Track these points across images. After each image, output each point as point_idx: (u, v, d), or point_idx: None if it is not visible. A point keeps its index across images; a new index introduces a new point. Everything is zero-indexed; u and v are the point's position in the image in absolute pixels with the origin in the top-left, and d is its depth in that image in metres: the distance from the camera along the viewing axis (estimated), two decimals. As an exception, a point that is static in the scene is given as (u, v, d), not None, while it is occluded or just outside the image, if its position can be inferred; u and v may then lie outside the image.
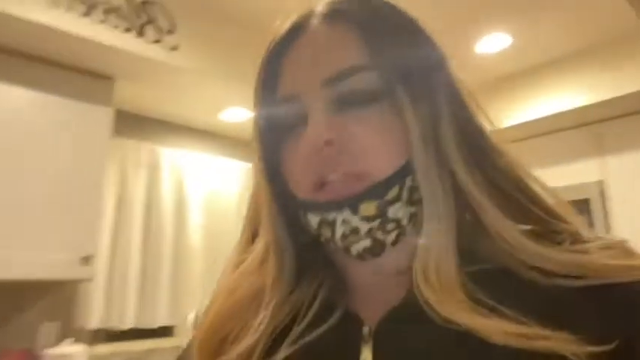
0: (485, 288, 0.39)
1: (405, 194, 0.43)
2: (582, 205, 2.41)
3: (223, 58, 2.13)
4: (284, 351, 0.44)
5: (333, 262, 0.49)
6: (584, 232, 0.43)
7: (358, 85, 0.43)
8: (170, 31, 1.95)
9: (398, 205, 0.42)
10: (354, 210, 0.42)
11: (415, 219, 0.44)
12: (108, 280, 2.26)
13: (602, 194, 2.43)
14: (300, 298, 0.47)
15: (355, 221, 0.42)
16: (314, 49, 0.44)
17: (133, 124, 2.47)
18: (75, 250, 1.84)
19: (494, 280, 0.40)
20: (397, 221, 0.43)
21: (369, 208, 0.42)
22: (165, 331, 2.53)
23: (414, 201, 0.43)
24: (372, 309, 0.45)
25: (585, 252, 0.40)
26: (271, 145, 0.47)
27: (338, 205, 0.42)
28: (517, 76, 2.68)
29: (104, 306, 2.24)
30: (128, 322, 2.29)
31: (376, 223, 0.42)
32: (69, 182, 1.88)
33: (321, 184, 0.43)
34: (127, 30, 1.84)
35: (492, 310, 0.38)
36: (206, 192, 2.73)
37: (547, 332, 0.36)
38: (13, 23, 1.62)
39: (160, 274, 2.42)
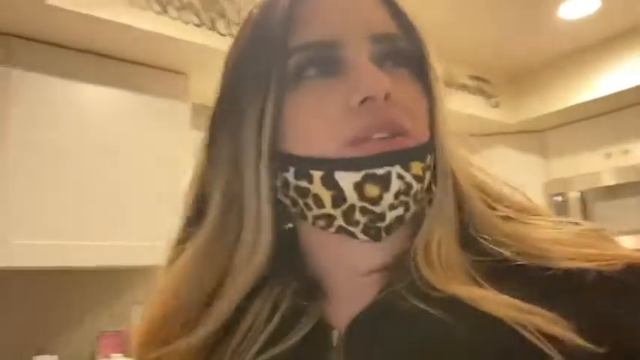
0: (481, 272, 0.39)
1: (432, 164, 0.42)
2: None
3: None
4: None
5: (309, 257, 0.45)
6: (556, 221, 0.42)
7: (402, 49, 0.43)
8: (239, 24, 1.98)
9: (429, 173, 0.41)
10: (406, 167, 0.38)
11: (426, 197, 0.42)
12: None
13: None
14: (263, 305, 0.43)
15: (409, 178, 0.39)
16: (355, 3, 0.43)
17: (206, 116, 2.54)
18: (164, 238, 1.94)
19: (488, 266, 0.39)
20: (423, 192, 0.41)
21: (417, 167, 0.39)
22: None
23: (433, 176, 0.42)
24: (343, 312, 0.42)
25: (561, 242, 0.39)
26: (275, 97, 0.41)
27: (390, 159, 0.38)
28: (605, 42, 2.46)
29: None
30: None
31: (420, 186, 0.40)
32: (156, 175, 1.97)
33: (354, 141, 0.39)
34: (199, 25, 1.89)
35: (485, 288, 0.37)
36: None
37: (533, 308, 0.35)
38: (96, 25, 1.72)
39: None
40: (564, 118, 2.80)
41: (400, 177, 0.38)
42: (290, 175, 0.41)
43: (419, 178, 0.39)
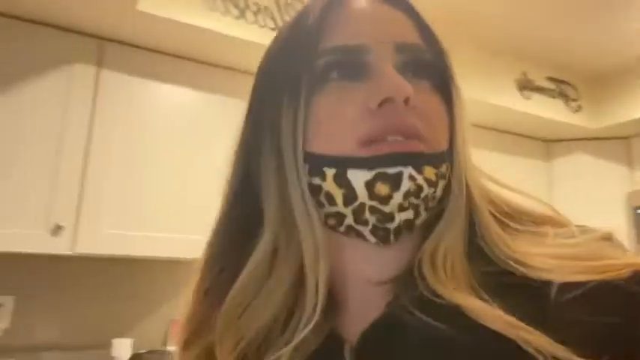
0: (485, 284, 0.39)
1: (447, 175, 0.42)
2: None
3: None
4: None
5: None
6: (564, 228, 0.42)
7: (426, 61, 0.44)
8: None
9: (443, 183, 0.42)
10: (419, 169, 0.39)
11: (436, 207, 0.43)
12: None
13: None
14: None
15: (420, 180, 0.39)
16: (384, 11, 0.45)
17: None
18: None
19: (492, 279, 0.39)
20: (434, 200, 0.42)
21: (430, 172, 0.40)
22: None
23: (446, 187, 0.43)
24: (354, 324, 0.42)
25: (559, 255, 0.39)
26: (305, 99, 0.42)
27: (403, 159, 0.39)
28: None
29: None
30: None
31: (431, 191, 0.40)
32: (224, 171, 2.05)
33: (368, 141, 0.40)
34: (274, 29, 1.95)
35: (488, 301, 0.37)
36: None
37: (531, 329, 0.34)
38: (180, 29, 1.82)
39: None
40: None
41: (412, 178, 0.39)
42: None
43: (431, 183, 0.40)
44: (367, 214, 0.40)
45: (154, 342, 2.09)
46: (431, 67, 0.44)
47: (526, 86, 2.54)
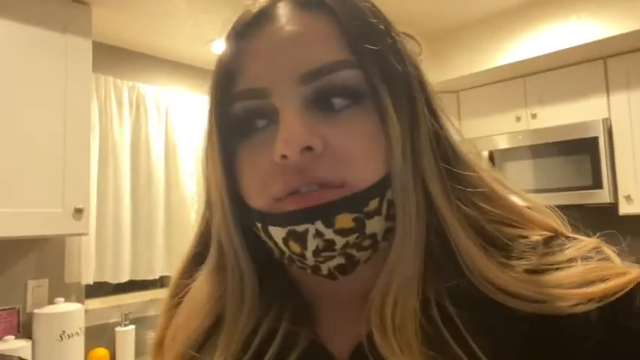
0: (446, 312, 0.37)
1: (384, 208, 0.39)
2: (591, 144, 2.35)
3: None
4: None
5: (297, 283, 0.46)
6: (561, 238, 0.41)
7: (341, 82, 0.39)
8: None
9: (377, 219, 0.39)
10: (329, 222, 0.37)
11: (389, 235, 0.40)
12: (98, 233, 2.07)
13: (610, 132, 2.36)
14: (257, 321, 0.43)
15: (329, 234, 0.38)
16: (289, 37, 0.40)
17: (110, 58, 2.19)
18: (66, 203, 1.67)
19: (458, 304, 0.38)
20: (373, 237, 0.40)
21: (345, 220, 0.38)
22: (162, 282, 2.42)
23: (391, 216, 0.40)
24: (341, 339, 0.42)
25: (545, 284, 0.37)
26: (227, 146, 0.42)
27: (310, 215, 0.37)
28: (523, 7, 2.43)
29: (97, 260, 2.07)
30: (123, 276, 2.13)
31: (353, 237, 0.38)
32: (50, 125, 1.65)
33: (288, 194, 0.38)
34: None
35: (444, 349, 0.36)
36: (197, 134, 2.41)
37: None
38: None
39: (153, 224, 2.25)
40: (477, 80, 2.83)
41: (319, 235, 0.38)
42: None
43: (346, 231, 0.38)
44: (298, 263, 0.41)
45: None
46: (352, 86, 0.39)
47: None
